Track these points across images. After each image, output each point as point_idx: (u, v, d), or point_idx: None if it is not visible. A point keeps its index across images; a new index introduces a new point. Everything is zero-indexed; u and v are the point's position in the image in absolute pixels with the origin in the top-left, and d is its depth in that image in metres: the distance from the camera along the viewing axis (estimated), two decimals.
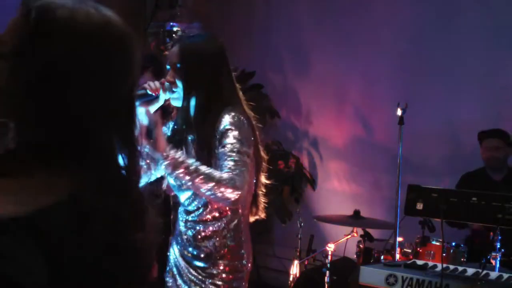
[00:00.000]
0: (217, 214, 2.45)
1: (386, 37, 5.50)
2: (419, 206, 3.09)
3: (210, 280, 2.43)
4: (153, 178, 2.62)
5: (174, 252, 2.58)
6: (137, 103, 2.40)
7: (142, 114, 2.40)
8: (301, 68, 6.09)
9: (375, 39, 5.56)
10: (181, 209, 2.57)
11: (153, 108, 2.43)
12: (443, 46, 5.19)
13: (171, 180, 2.51)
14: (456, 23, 5.14)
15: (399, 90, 5.20)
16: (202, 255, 2.45)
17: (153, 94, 2.41)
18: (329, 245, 4.12)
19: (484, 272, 2.99)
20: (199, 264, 2.46)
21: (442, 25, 5.23)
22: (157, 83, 2.42)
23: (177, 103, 2.49)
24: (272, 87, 6.13)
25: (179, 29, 5.56)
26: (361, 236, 4.18)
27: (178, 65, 2.45)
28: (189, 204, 2.50)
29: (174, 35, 5.50)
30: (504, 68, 4.92)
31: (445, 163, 5.10)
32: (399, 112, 3.64)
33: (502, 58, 4.92)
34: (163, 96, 2.44)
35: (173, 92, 2.45)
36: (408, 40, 5.38)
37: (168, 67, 2.50)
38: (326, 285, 4.04)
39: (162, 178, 2.65)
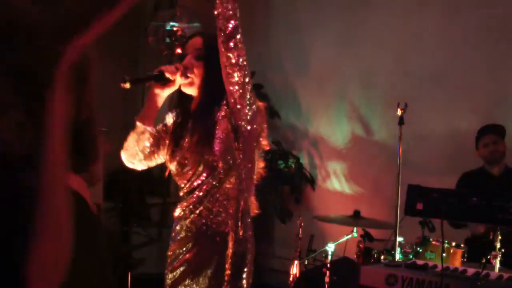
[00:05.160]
0: (221, 198, 2.42)
1: (386, 37, 5.50)
2: (419, 206, 3.09)
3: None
4: (154, 164, 2.60)
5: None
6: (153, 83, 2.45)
7: (157, 96, 2.46)
8: (301, 68, 6.09)
9: (376, 38, 5.56)
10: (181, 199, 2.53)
11: (167, 91, 2.48)
12: (444, 46, 5.18)
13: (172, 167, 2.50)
14: (457, 23, 5.14)
15: (399, 90, 5.20)
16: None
17: (170, 77, 2.44)
18: (329, 245, 4.12)
19: (484, 272, 2.99)
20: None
21: (443, 24, 5.23)
22: (173, 67, 2.45)
23: (188, 90, 2.50)
24: (272, 87, 6.12)
25: (179, 29, 5.56)
26: (361, 236, 4.18)
27: (201, 52, 2.47)
28: (189, 190, 2.46)
29: (174, 35, 5.50)
30: (505, 67, 4.92)
31: (445, 163, 5.09)
32: (399, 112, 3.65)
33: (504, 57, 4.92)
34: (179, 81, 2.47)
35: (187, 77, 2.47)
36: (409, 39, 5.38)
37: (177, 53, 2.52)
38: (326, 285, 4.04)
39: (162, 166, 2.62)
